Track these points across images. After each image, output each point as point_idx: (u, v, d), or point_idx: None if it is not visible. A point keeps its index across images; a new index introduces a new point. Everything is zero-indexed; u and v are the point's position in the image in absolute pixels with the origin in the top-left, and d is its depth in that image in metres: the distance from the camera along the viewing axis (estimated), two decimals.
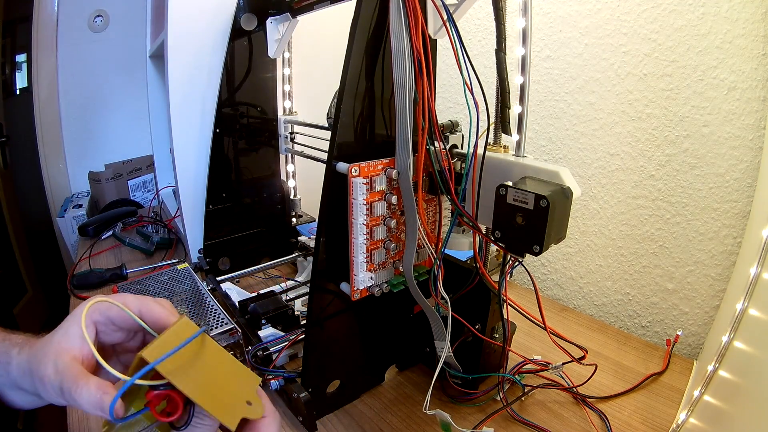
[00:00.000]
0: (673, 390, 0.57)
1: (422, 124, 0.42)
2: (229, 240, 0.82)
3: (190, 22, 0.71)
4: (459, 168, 0.48)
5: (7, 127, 1.45)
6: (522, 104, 0.46)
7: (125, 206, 1.21)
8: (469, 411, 0.53)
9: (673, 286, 0.66)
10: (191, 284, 0.66)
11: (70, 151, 1.45)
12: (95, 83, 1.46)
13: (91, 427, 0.49)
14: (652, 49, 0.62)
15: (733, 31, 0.55)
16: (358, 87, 0.43)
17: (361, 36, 0.42)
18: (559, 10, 0.71)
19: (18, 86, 1.52)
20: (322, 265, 0.47)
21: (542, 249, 0.38)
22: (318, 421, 0.51)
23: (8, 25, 1.46)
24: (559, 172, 0.41)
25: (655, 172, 0.65)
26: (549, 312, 0.74)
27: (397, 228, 0.47)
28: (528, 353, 0.60)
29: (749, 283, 0.45)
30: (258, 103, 0.81)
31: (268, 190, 0.86)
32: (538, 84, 0.76)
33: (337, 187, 0.44)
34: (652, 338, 0.70)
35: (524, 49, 0.44)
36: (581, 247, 0.77)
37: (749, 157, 0.56)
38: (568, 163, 0.75)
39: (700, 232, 0.62)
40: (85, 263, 0.89)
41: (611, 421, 0.51)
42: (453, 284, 0.50)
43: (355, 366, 0.54)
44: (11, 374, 0.34)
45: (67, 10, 1.37)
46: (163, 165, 1.14)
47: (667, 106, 0.62)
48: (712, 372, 0.47)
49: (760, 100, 0.54)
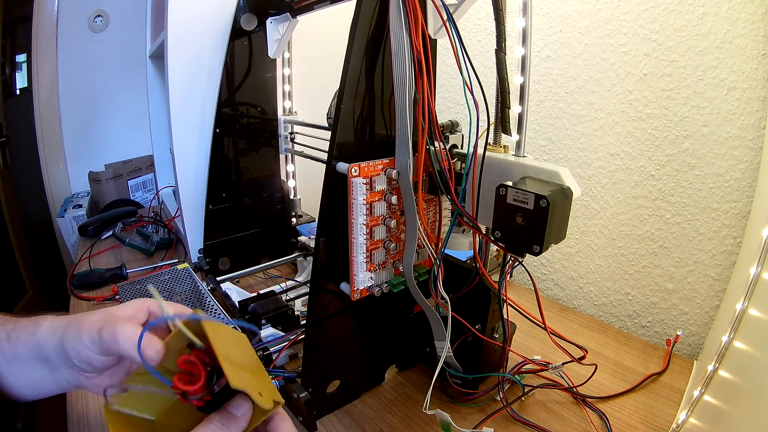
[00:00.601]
0: (673, 390, 0.57)
1: (422, 124, 0.42)
2: (229, 240, 0.82)
3: (190, 22, 0.71)
4: (459, 168, 0.48)
5: (7, 127, 1.45)
6: (522, 104, 0.46)
7: (125, 206, 1.21)
8: (469, 411, 0.53)
9: (673, 286, 0.66)
10: (191, 284, 0.66)
11: (70, 151, 1.45)
12: (95, 83, 1.45)
13: (91, 427, 0.49)
14: (652, 49, 0.62)
15: (733, 31, 0.55)
16: (358, 87, 0.43)
17: (361, 36, 0.42)
18: (559, 10, 0.71)
19: (18, 86, 1.52)
20: (322, 265, 0.47)
21: (542, 249, 0.38)
22: (318, 421, 0.51)
23: (8, 25, 1.46)
24: (559, 172, 0.41)
25: (655, 172, 0.65)
26: (549, 312, 0.74)
27: (397, 228, 0.47)
28: (528, 353, 0.60)
29: (749, 283, 0.45)
30: (258, 103, 0.81)
31: (268, 190, 0.86)
32: (538, 84, 0.76)
33: (337, 187, 0.44)
34: (652, 338, 0.70)
35: (524, 49, 0.44)
36: (581, 247, 0.77)
37: (749, 157, 0.56)
38: (568, 163, 0.75)
39: (700, 232, 0.62)
40: (85, 263, 0.89)
41: (611, 421, 0.51)
42: (453, 284, 0.50)
43: (355, 366, 0.54)
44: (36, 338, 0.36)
45: (67, 10, 1.36)
46: (163, 165, 1.14)
47: (667, 106, 0.62)
48: (712, 372, 0.47)
49: (760, 100, 0.54)
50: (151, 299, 0.37)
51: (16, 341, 0.36)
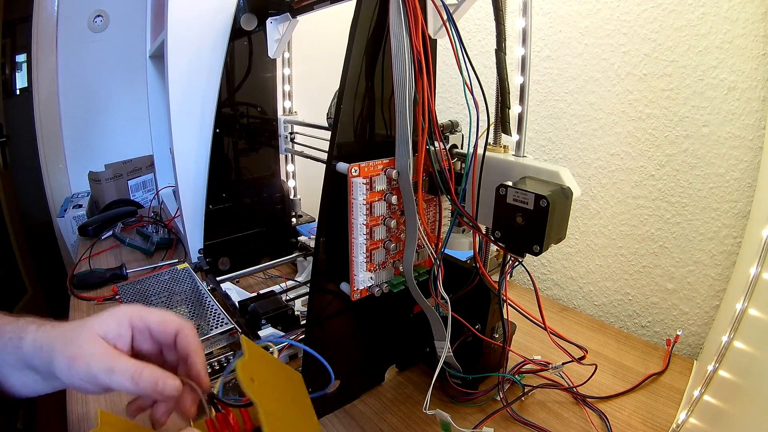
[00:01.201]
0: (673, 390, 0.57)
1: (422, 124, 0.42)
2: (229, 240, 0.82)
3: (190, 22, 0.71)
4: (459, 168, 0.48)
5: (7, 127, 1.46)
6: (522, 104, 0.46)
7: (125, 206, 1.21)
8: (469, 411, 0.53)
9: (673, 286, 0.66)
10: (191, 284, 0.66)
11: (70, 151, 1.45)
12: (95, 83, 1.45)
13: (91, 427, 0.49)
14: (652, 49, 0.62)
15: (733, 31, 0.55)
16: (358, 87, 0.43)
17: (361, 36, 0.42)
18: (559, 10, 0.71)
19: (18, 86, 1.52)
20: (322, 265, 0.47)
21: (542, 249, 0.38)
22: (318, 420, 0.51)
23: (8, 25, 1.46)
24: (559, 172, 0.41)
25: (655, 172, 0.65)
26: (549, 312, 0.74)
27: (397, 228, 0.47)
28: (528, 353, 0.60)
29: (749, 283, 0.45)
30: (258, 103, 0.81)
31: (268, 190, 0.86)
32: (538, 84, 0.76)
33: (337, 187, 0.44)
34: (652, 338, 0.70)
35: (524, 49, 0.44)
36: (581, 247, 0.77)
37: (749, 157, 0.56)
38: (568, 163, 0.75)
39: (700, 232, 0.62)
40: (85, 263, 0.89)
41: (611, 421, 0.51)
42: (453, 284, 0.50)
43: (355, 366, 0.54)
44: (23, 351, 0.34)
45: (67, 10, 1.36)
46: (163, 165, 1.14)
47: (667, 106, 0.62)
48: (712, 372, 0.47)
49: (760, 100, 0.54)
50: (131, 307, 0.36)
51: (3, 349, 0.34)
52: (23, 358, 0.34)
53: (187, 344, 0.36)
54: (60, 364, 0.33)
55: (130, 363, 0.33)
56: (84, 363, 0.32)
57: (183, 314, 0.58)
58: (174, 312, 0.55)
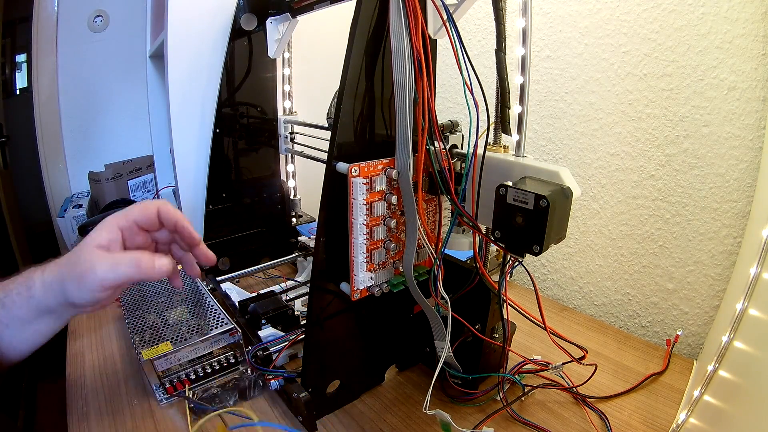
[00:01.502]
0: (673, 390, 0.57)
1: (422, 124, 0.42)
2: (229, 240, 0.82)
3: (190, 22, 0.71)
4: (459, 168, 0.48)
5: (7, 127, 1.45)
6: (522, 104, 0.46)
7: (125, 206, 1.21)
8: (469, 411, 0.53)
9: (673, 286, 0.66)
10: (191, 284, 0.66)
11: (70, 151, 1.45)
12: (95, 83, 1.45)
13: (91, 427, 0.49)
14: (652, 49, 0.62)
15: (733, 31, 0.55)
16: (358, 87, 0.43)
17: (361, 36, 0.42)
18: (559, 10, 0.71)
19: (18, 86, 1.52)
20: (322, 265, 0.47)
21: (542, 249, 0.38)
22: (318, 421, 0.51)
23: (8, 25, 1.46)
24: (559, 172, 0.41)
25: (655, 172, 0.65)
26: (549, 312, 0.74)
27: (397, 228, 0.47)
28: (528, 353, 0.60)
29: (749, 283, 0.45)
30: (258, 103, 0.81)
31: (268, 190, 0.86)
32: (538, 84, 0.76)
33: (337, 187, 0.44)
34: (652, 338, 0.70)
35: (524, 49, 0.44)
36: (581, 247, 0.77)
37: (749, 157, 0.56)
38: (568, 163, 0.75)
39: (700, 232, 0.62)
40: None
41: (611, 421, 0.51)
42: (453, 284, 0.50)
43: (355, 366, 0.54)
44: (34, 298, 0.39)
45: (67, 10, 1.36)
46: (163, 165, 1.14)
47: (667, 106, 0.62)
48: (712, 372, 0.47)
49: (760, 100, 0.54)
50: (115, 214, 0.42)
51: (12, 306, 0.38)
52: (36, 305, 0.39)
53: (170, 214, 0.43)
54: (71, 286, 0.38)
55: (128, 253, 0.40)
56: (91, 273, 0.37)
57: (183, 314, 0.58)
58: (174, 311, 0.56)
